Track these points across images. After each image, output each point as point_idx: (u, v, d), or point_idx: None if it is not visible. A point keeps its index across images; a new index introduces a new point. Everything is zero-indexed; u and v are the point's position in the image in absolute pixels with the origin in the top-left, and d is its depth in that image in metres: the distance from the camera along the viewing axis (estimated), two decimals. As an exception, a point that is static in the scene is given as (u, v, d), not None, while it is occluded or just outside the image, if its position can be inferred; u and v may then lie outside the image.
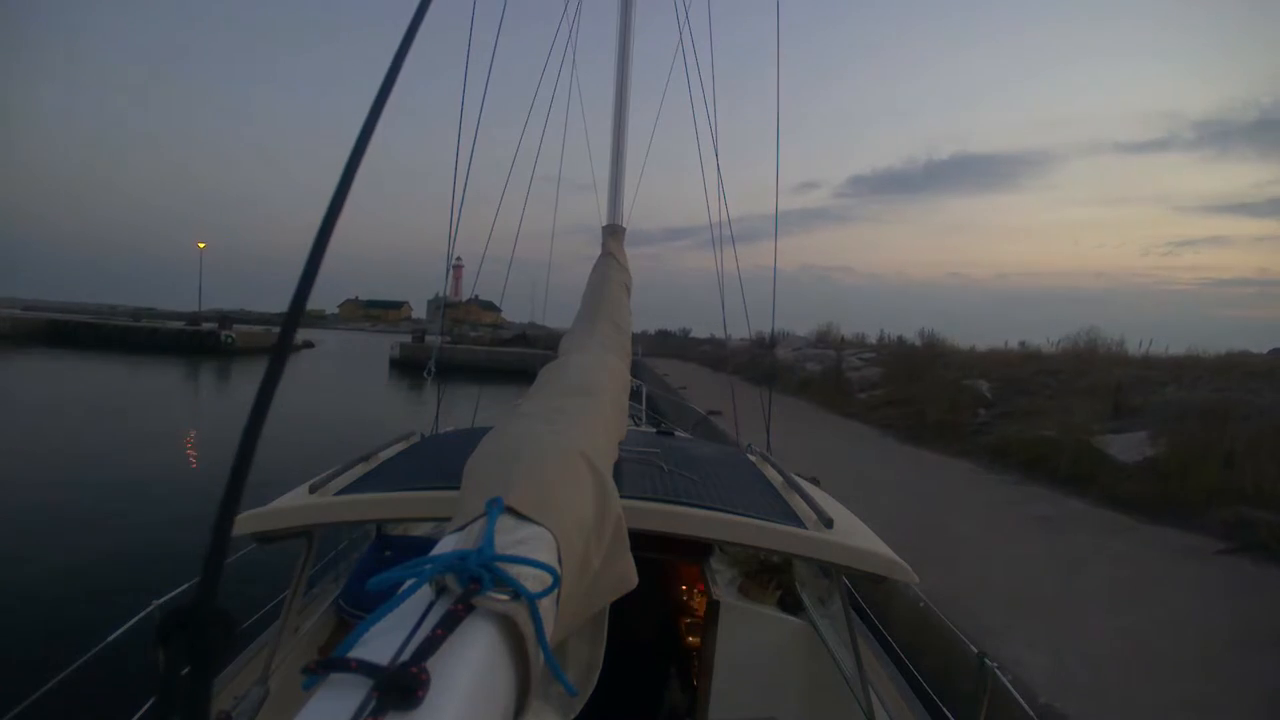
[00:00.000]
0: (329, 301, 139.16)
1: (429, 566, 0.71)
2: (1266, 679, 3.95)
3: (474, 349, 38.52)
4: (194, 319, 47.08)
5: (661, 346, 44.69)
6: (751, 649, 2.51)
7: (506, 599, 0.70)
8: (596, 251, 3.88)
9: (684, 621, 3.27)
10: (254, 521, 1.99)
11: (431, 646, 0.60)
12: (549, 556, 0.84)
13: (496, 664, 0.66)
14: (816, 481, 2.73)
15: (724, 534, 2.05)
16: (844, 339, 26.03)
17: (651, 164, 6.55)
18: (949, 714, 2.45)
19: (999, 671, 2.19)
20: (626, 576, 1.08)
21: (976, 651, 2.24)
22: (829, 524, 2.07)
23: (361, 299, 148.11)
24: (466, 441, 2.02)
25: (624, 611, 1.20)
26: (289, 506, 2.08)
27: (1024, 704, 2.20)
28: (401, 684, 0.54)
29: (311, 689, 0.57)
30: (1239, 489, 7.01)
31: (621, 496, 1.18)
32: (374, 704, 0.53)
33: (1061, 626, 4.60)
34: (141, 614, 2.13)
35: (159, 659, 0.49)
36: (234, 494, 0.54)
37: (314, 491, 2.16)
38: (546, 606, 0.75)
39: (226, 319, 44.02)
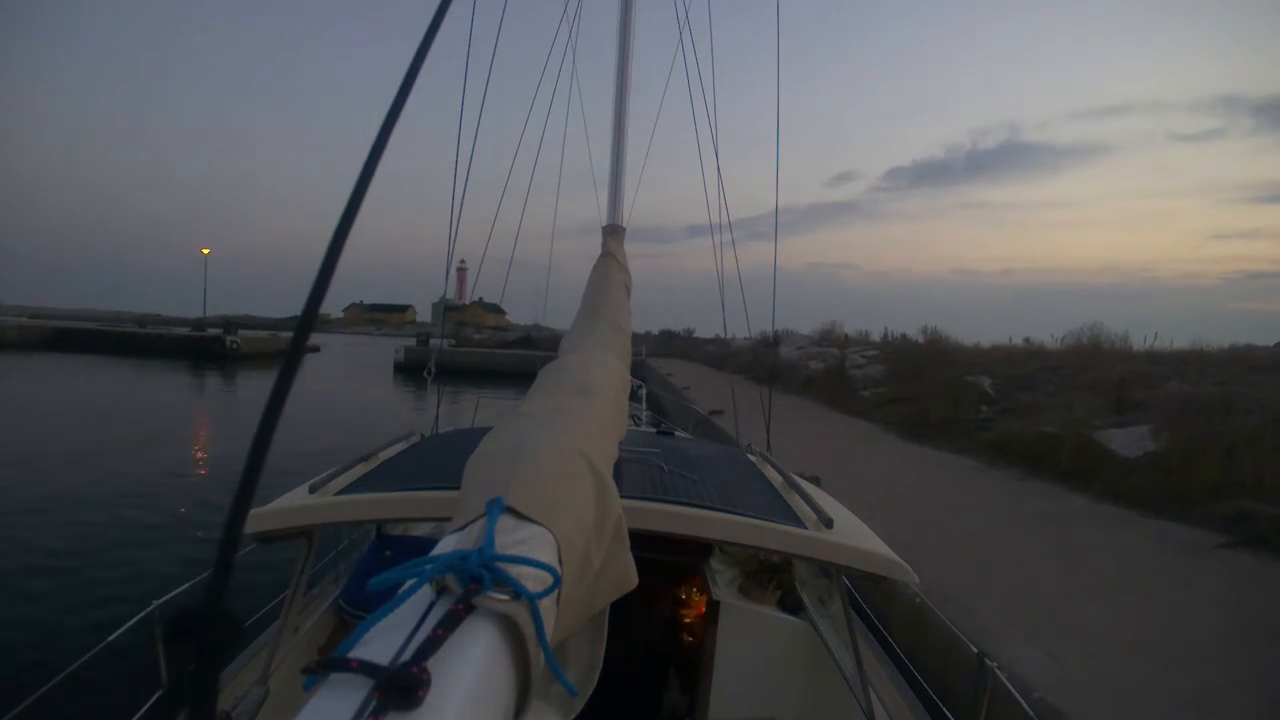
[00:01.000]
0: (333, 306, 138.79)
1: (429, 566, 0.71)
2: (1269, 673, 3.95)
3: (478, 351, 38.48)
4: (199, 325, 47.17)
5: (666, 347, 44.63)
6: (751, 649, 2.51)
7: (507, 599, 0.70)
8: (597, 252, 3.88)
9: (684, 621, 3.28)
10: (254, 521, 2.00)
11: (432, 646, 0.60)
12: (549, 556, 0.85)
13: (497, 664, 0.66)
14: (817, 481, 2.73)
15: (724, 534, 2.05)
16: (847, 337, 25.97)
17: (652, 163, 6.56)
18: (949, 714, 2.45)
19: (999, 671, 2.19)
20: (627, 576, 1.08)
21: (976, 651, 2.24)
22: (829, 524, 2.07)
23: (366, 303, 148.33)
24: (466, 442, 2.03)
25: (624, 611, 1.21)
26: (289, 506, 2.08)
27: (1024, 704, 2.21)
28: (402, 684, 0.55)
29: (312, 689, 0.57)
30: (1240, 483, 6.99)
31: (621, 496, 1.19)
32: (374, 704, 0.54)
33: (1063, 622, 4.59)
34: (142, 614, 2.13)
35: (164, 657, 0.50)
36: (246, 495, 0.54)
37: (314, 491, 2.16)
38: (547, 606, 0.76)
39: (231, 325, 44.04)
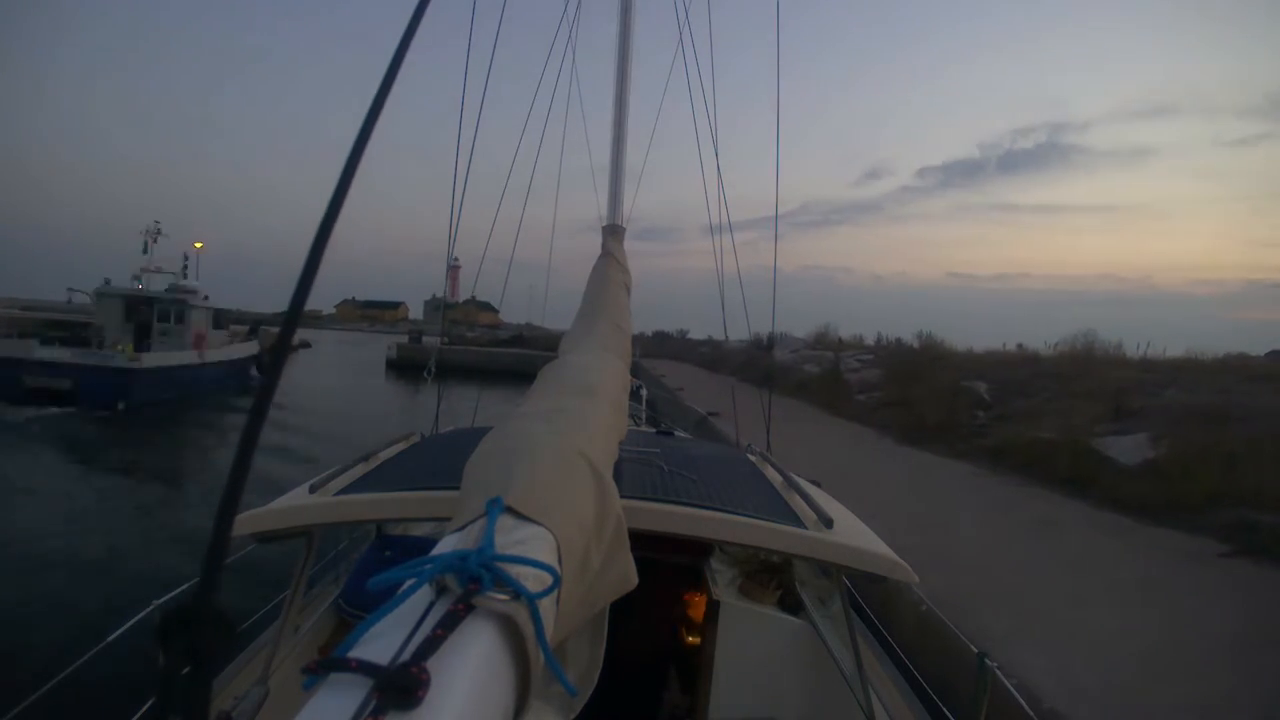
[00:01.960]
0: (325, 302, 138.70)
1: (429, 566, 0.71)
2: (1269, 682, 3.95)
3: (473, 349, 38.49)
4: (192, 319, 46.89)
5: (659, 348, 44.69)
6: (751, 649, 2.51)
7: (507, 599, 0.69)
8: (596, 252, 3.88)
9: (684, 621, 3.27)
10: (254, 521, 1.99)
11: (432, 646, 0.60)
12: (549, 556, 0.84)
13: (497, 664, 0.66)
14: (817, 483, 2.73)
15: (724, 534, 2.05)
16: (841, 340, 26.04)
17: (652, 164, 6.55)
18: (949, 714, 2.45)
19: (999, 671, 2.19)
20: (627, 576, 1.08)
21: (976, 651, 2.23)
22: (829, 524, 2.06)
23: (358, 299, 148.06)
24: (466, 442, 2.02)
25: (624, 611, 1.20)
26: (289, 506, 2.07)
27: (1024, 704, 2.20)
28: (402, 684, 0.54)
29: (312, 689, 0.56)
30: (1240, 491, 7.01)
31: (621, 496, 1.18)
32: (374, 704, 0.53)
33: (1064, 630, 4.60)
34: (141, 614, 2.12)
35: (159, 659, 0.49)
36: (233, 494, 0.54)
37: (314, 491, 2.16)
38: (547, 606, 0.75)
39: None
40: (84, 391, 16.42)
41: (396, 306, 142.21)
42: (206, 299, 22.85)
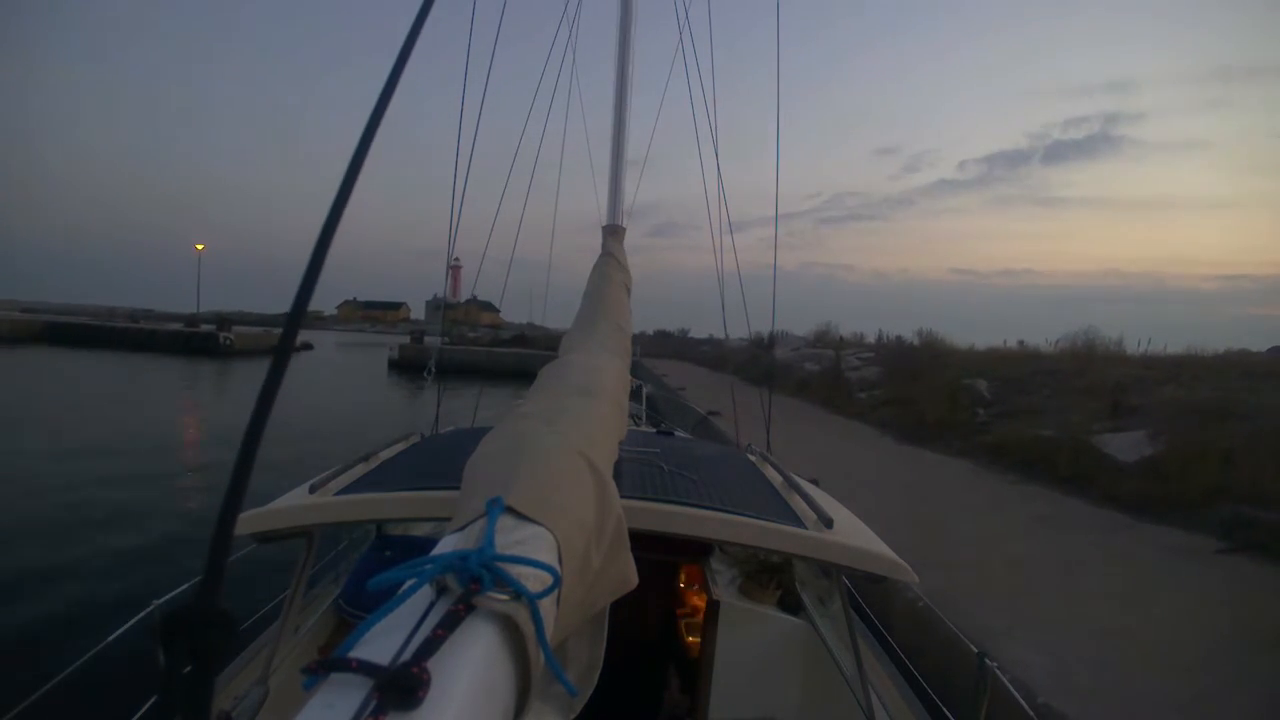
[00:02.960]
0: (327, 303, 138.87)
1: (429, 566, 0.71)
2: (1267, 679, 3.96)
3: (473, 349, 38.51)
4: (192, 321, 47.07)
5: (660, 347, 44.73)
6: (751, 649, 2.51)
7: (507, 599, 0.69)
8: (596, 252, 3.87)
9: (684, 621, 3.27)
10: (254, 521, 1.99)
11: (432, 646, 0.60)
12: (549, 556, 0.84)
13: (497, 664, 0.66)
14: (816, 482, 2.73)
15: (724, 534, 2.05)
16: (842, 339, 26.04)
17: (653, 163, 6.56)
18: (949, 714, 2.45)
19: (999, 671, 2.19)
20: (627, 576, 1.08)
21: (976, 651, 2.23)
22: (829, 524, 2.07)
23: (360, 300, 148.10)
24: (466, 441, 2.02)
25: (624, 611, 1.20)
26: (289, 506, 2.07)
27: (1024, 704, 2.20)
28: (402, 684, 0.54)
29: (312, 689, 0.56)
30: (1238, 488, 7.01)
31: (622, 496, 1.18)
32: (374, 704, 0.53)
33: (1062, 627, 4.60)
34: (141, 614, 2.13)
35: (160, 658, 0.50)
36: (236, 494, 0.54)
37: (314, 491, 2.16)
38: (547, 606, 0.75)
39: (225, 321, 44.00)
40: None
41: (398, 307, 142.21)
42: None
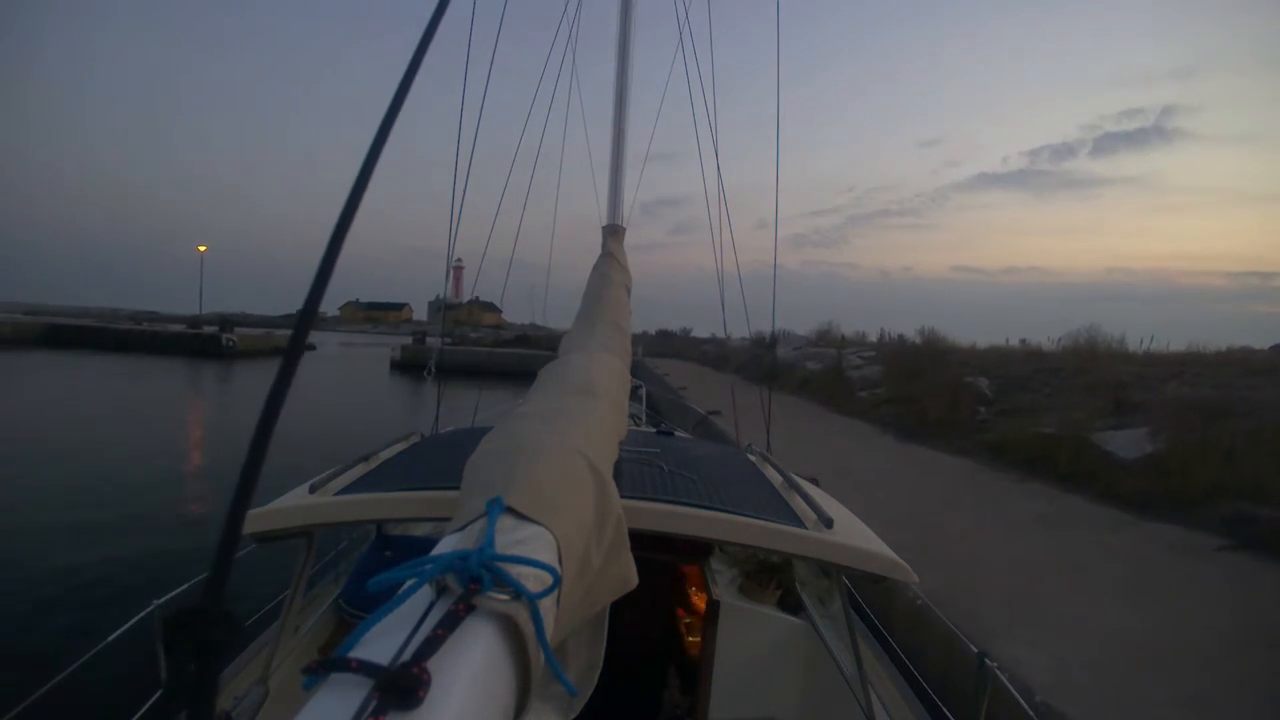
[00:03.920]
0: (330, 304, 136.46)
1: (429, 566, 0.71)
2: (1268, 677, 3.95)
3: (474, 350, 38.54)
4: (195, 322, 47.14)
5: (662, 346, 44.73)
6: (751, 649, 2.51)
7: (507, 599, 0.70)
8: (597, 252, 3.88)
9: (684, 621, 3.27)
10: (254, 521, 1.99)
11: (432, 646, 0.60)
12: (549, 556, 0.85)
13: (497, 664, 0.66)
14: (816, 482, 2.73)
15: (724, 534, 2.05)
16: (844, 338, 26.01)
17: (652, 163, 6.57)
18: (949, 714, 2.45)
19: (999, 671, 2.19)
20: (627, 576, 1.08)
21: (976, 651, 2.23)
22: (829, 524, 2.06)
23: (362, 301, 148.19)
24: (466, 441, 2.02)
25: (624, 611, 1.21)
26: (289, 506, 2.07)
27: (1024, 704, 2.21)
28: (402, 684, 0.55)
29: (312, 689, 0.57)
30: (1240, 486, 7.00)
31: (621, 496, 1.18)
32: (375, 704, 0.53)
33: (1062, 624, 4.60)
34: (142, 614, 2.13)
35: (164, 657, 0.50)
36: (244, 495, 0.54)
37: (314, 491, 2.16)
38: (547, 606, 0.76)
39: (228, 322, 44.02)
40: None
41: (400, 308, 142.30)
42: None
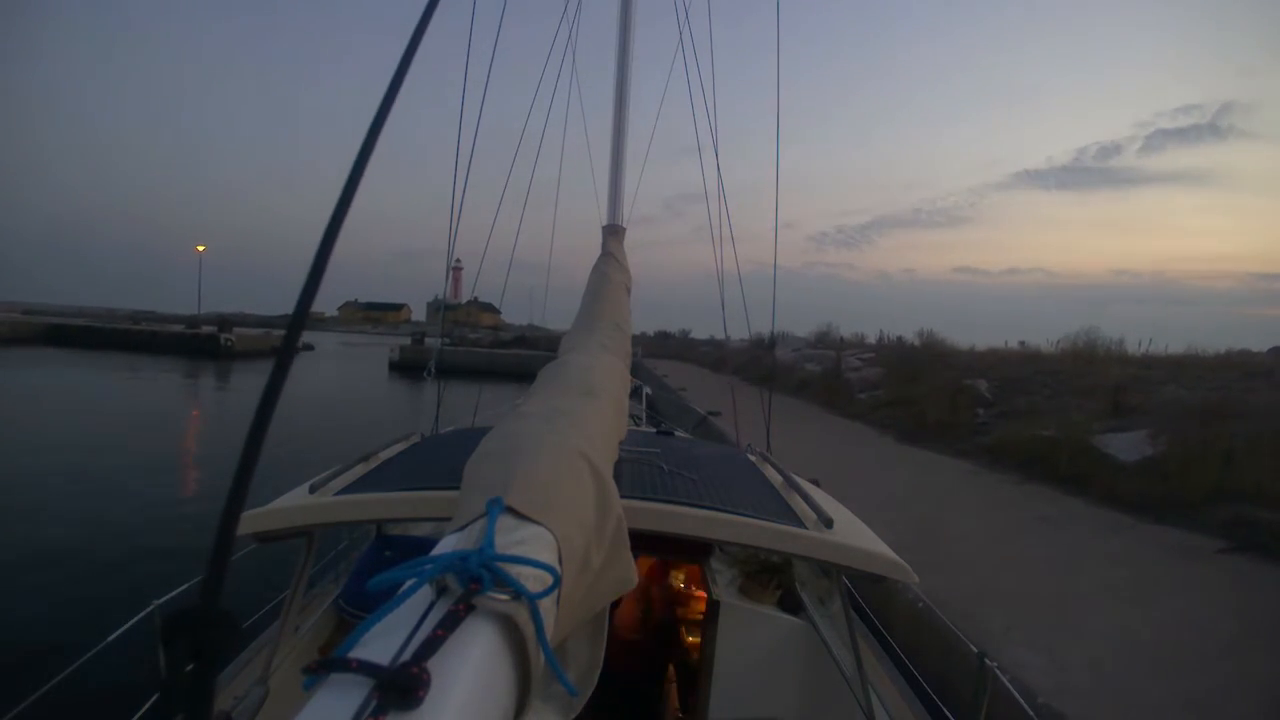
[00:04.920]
0: (328, 304, 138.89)
1: (429, 566, 0.71)
2: (1268, 679, 3.95)
3: (474, 351, 38.57)
4: (193, 322, 47.13)
5: (661, 348, 44.80)
6: (751, 649, 2.51)
7: (507, 599, 0.69)
8: (596, 252, 3.88)
9: (684, 621, 3.27)
10: (254, 521, 1.99)
11: (432, 646, 0.60)
12: (549, 556, 0.84)
13: (497, 664, 0.66)
14: (816, 482, 2.73)
15: (724, 534, 2.05)
16: (843, 339, 26.05)
17: (654, 162, 6.57)
18: (949, 714, 2.45)
19: (999, 671, 2.19)
20: (627, 576, 1.08)
21: (977, 651, 2.23)
22: (829, 524, 2.06)
23: (361, 301, 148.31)
24: (466, 441, 2.02)
25: (624, 612, 1.20)
26: (289, 506, 2.07)
27: (1024, 704, 2.21)
28: (402, 684, 0.54)
29: (312, 689, 0.57)
30: (1239, 488, 7.01)
31: (621, 496, 1.18)
32: (375, 704, 0.53)
33: (1062, 627, 4.60)
34: (141, 614, 2.13)
35: (161, 658, 0.50)
36: (238, 495, 0.54)
37: (314, 491, 2.15)
38: (547, 606, 0.75)
39: (226, 322, 44.03)
40: None
41: (399, 308, 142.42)
42: None
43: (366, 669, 0.56)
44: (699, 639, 2.74)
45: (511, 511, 0.88)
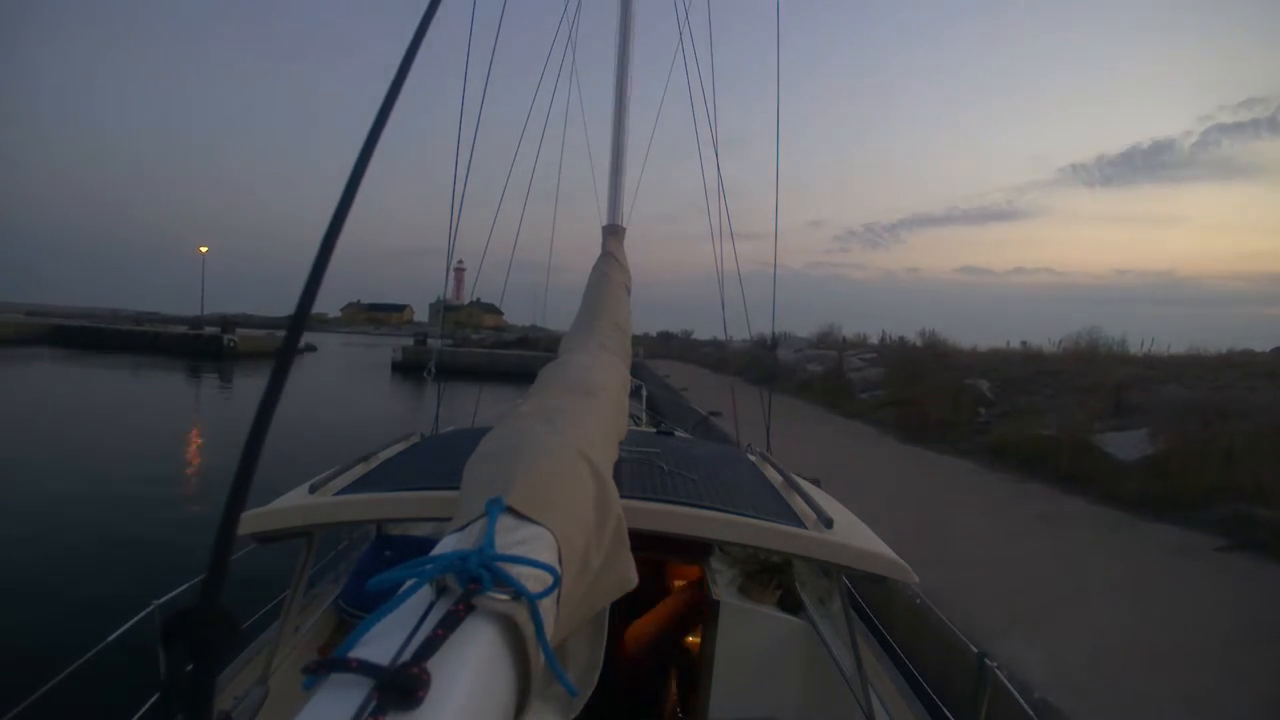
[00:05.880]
0: (331, 305, 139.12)
1: (429, 566, 0.71)
2: (1266, 676, 3.95)
3: (475, 351, 38.61)
4: (196, 323, 47.17)
5: (663, 348, 44.81)
6: (751, 649, 2.51)
7: (507, 599, 0.69)
8: (597, 252, 3.88)
9: (684, 621, 3.27)
10: (254, 521, 1.99)
11: (432, 646, 0.60)
12: (549, 556, 0.84)
13: (497, 664, 0.66)
14: (817, 482, 2.73)
15: (724, 534, 2.05)
16: (845, 339, 26.03)
17: (654, 162, 6.57)
18: (949, 714, 2.45)
19: (999, 671, 2.19)
20: (626, 576, 1.08)
21: (976, 651, 2.24)
22: (829, 524, 2.06)
23: (363, 302, 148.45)
24: (466, 441, 2.02)
25: (624, 611, 1.21)
26: (289, 506, 2.07)
27: (1023, 703, 2.21)
28: (402, 684, 0.54)
29: (312, 689, 0.57)
30: (1239, 486, 7.00)
31: (621, 496, 1.18)
32: (374, 704, 0.53)
33: (1060, 624, 4.60)
34: (142, 614, 2.13)
35: (162, 658, 0.50)
36: (239, 496, 0.54)
37: (314, 491, 2.15)
38: (547, 606, 0.75)
39: (229, 323, 44.04)
40: None
41: (402, 309, 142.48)
42: None
43: (366, 669, 0.56)
44: (699, 639, 2.74)
45: (511, 511, 0.88)
